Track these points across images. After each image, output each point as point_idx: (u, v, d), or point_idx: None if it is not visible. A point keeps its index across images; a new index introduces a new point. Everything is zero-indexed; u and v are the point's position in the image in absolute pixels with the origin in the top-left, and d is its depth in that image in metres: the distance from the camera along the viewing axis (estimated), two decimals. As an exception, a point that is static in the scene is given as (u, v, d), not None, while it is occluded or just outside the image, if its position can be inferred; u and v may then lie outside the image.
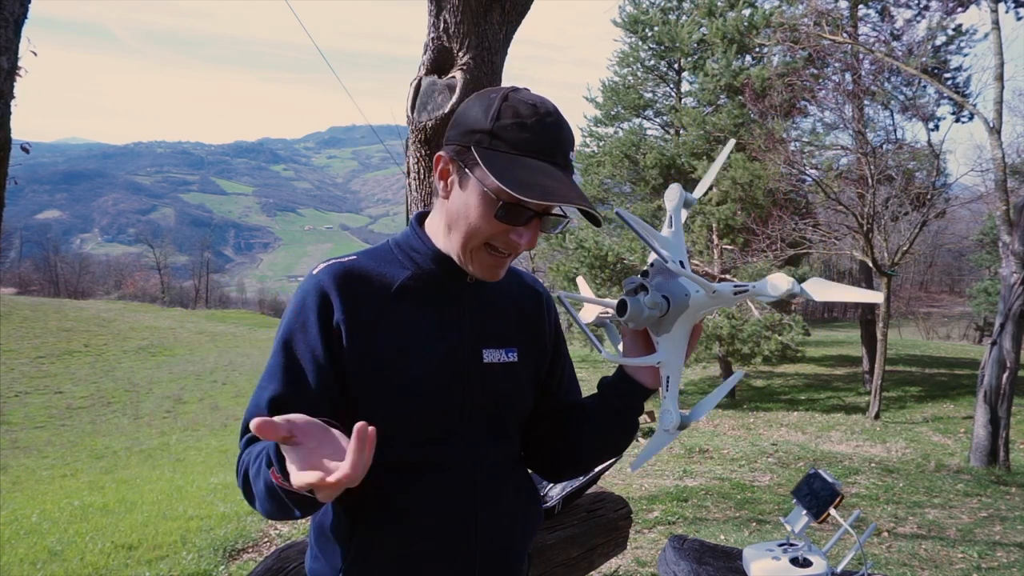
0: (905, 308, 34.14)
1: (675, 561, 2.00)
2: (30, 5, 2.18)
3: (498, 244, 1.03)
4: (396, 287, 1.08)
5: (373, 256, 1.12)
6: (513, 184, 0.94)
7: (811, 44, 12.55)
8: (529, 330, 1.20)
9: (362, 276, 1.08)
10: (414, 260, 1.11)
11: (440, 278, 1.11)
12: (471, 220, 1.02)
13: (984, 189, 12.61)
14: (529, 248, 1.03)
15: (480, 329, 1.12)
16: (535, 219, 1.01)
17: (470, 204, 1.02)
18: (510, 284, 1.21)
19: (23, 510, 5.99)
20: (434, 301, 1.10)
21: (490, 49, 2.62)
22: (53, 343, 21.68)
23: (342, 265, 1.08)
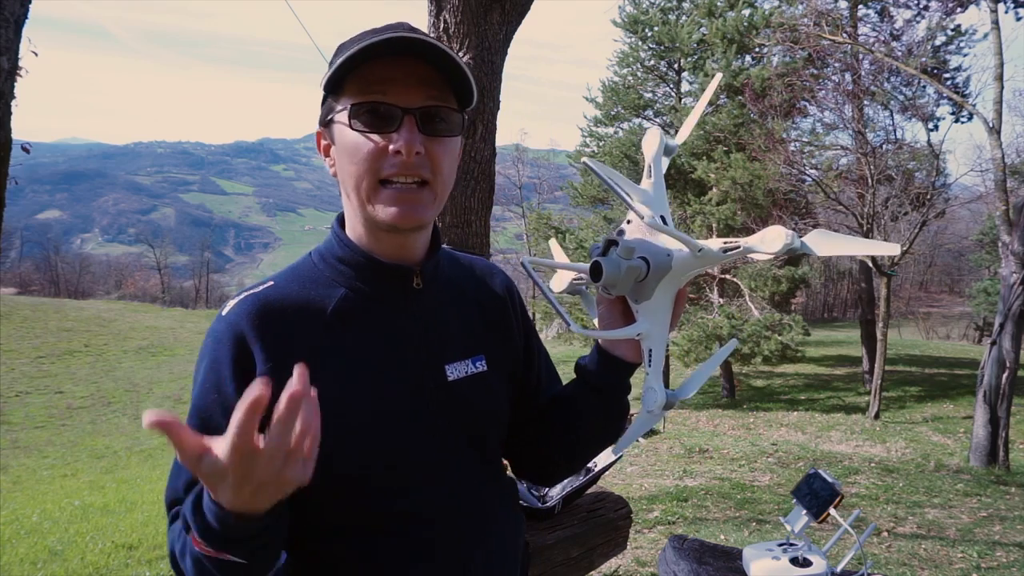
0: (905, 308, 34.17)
1: (675, 561, 2.01)
2: (30, 5, 2.18)
3: (385, 169, 0.85)
4: (329, 314, 0.89)
5: (295, 277, 0.93)
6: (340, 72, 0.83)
7: (811, 44, 12.56)
8: (495, 329, 1.03)
9: (285, 307, 0.88)
10: (343, 274, 0.93)
11: (381, 291, 0.93)
12: (349, 160, 0.86)
13: (984, 189, 12.63)
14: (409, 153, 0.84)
15: (437, 342, 0.95)
16: (406, 117, 0.84)
17: (343, 147, 0.87)
18: (464, 280, 1.04)
19: (23, 510, 5.99)
20: (378, 320, 0.92)
21: (490, 49, 2.62)
22: (53, 343, 21.67)
23: (257, 298, 0.88)
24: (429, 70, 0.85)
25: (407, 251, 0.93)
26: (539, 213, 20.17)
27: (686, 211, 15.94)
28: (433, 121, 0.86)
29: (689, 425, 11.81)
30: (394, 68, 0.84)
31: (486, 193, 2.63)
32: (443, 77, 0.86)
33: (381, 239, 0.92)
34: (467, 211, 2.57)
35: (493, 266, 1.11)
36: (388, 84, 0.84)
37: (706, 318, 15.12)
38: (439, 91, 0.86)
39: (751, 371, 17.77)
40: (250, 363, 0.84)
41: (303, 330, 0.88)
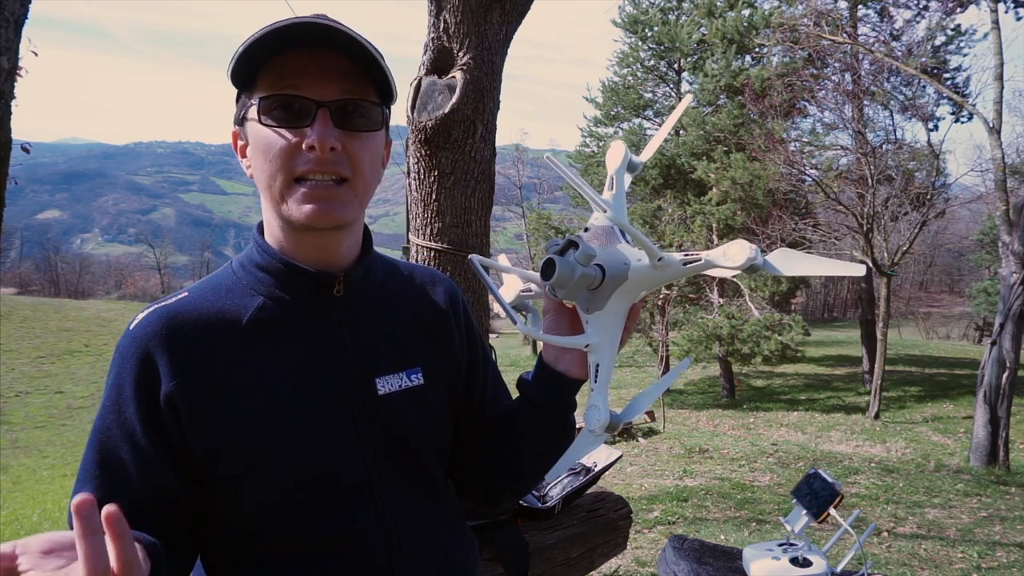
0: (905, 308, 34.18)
1: (675, 561, 2.01)
2: (30, 5, 2.18)
3: (299, 167, 0.79)
4: (245, 324, 0.83)
5: (211, 288, 0.87)
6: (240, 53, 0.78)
7: (811, 44, 12.56)
8: (434, 341, 0.96)
9: (197, 320, 0.82)
10: (262, 282, 0.86)
11: (300, 298, 0.86)
12: (262, 157, 0.81)
13: (984, 189, 12.63)
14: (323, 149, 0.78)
15: (366, 354, 0.88)
16: (320, 111, 0.79)
17: (256, 142, 0.82)
18: (399, 287, 0.97)
19: (24, 510, 5.99)
20: (298, 331, 0.85)
21: (490, 49, 2.61)
22: (53, 343, 21.67)
23: (167, 311, 0.83)
24: (345, 62, 0.80)
25: (329, 255, 0.87)
26: (539, 213, 20.19)
27: (686, 211, 15.94)
28: (350, 115, 0.81)
29: (689, 425, 11.81)
30: (308, 60, 0.79)
31: (486, 193, 2.62)
32: (361, 70, 0.81)
33: (300, 243, 0.85)
34: (467, 211, 2.56)
35: (437, 274, 1.04)
36: (301, 77, 0.79)
37: (706, 318, 15.13)
38: (356, 84, 0.81)
39: (751, 371, 17.77)
40: (155, 381, 0.79)
41: (215, 343, 0.82)
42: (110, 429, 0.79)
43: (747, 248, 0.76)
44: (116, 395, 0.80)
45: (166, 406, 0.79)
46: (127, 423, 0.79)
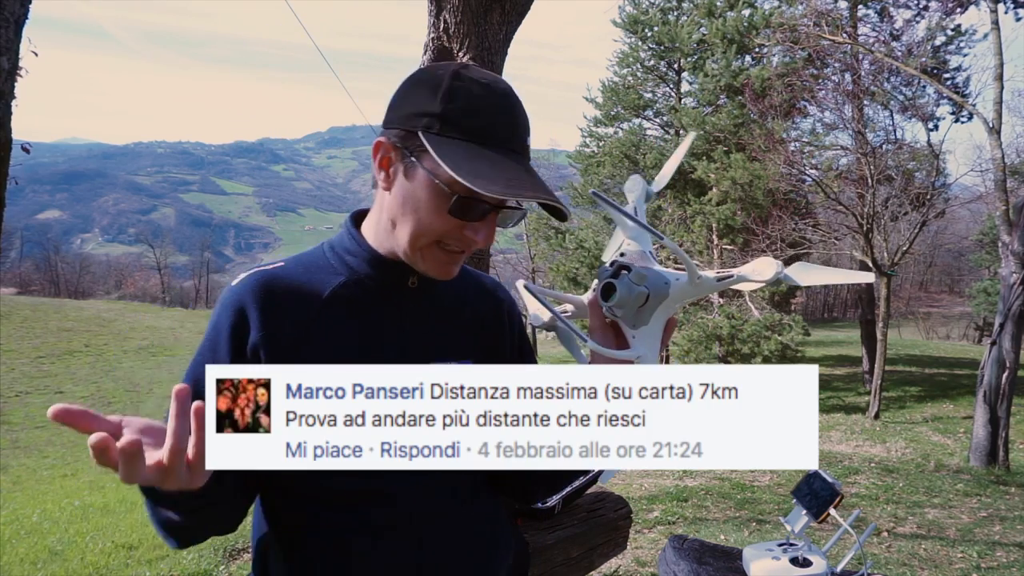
0: (905, 308, 34.19)
1: (675, 561, 2.01)
2: (30, 5, 2.18)
3: (451, 242, 0.91)
4: (326, 296, 0.96)
5: (304, 262, 0.99)
6: (471, 177, 0.82)
7: (811, 44, 12.56)
8: (487, 340, 1.07)
9: (288, 286, 0.95)
10: (348, 264, 0.98)
11: (378, 284, 0.98)
12: (420, 215, 0.89)
13: (984, 189, 12.63)
14: (486, 245, 0.92)
15: (426, 340, 1.00)
16: (492, 213, 0.90)
17: (419, 198, 0.89)
18: (465, 288, 1.07)
19: (24, 510, 5.99)
20: (370, 311, 0.97)
21: (490, 49, 2.62)
22: (53, 343, 21.68)
23: (265, 274, 0.96)
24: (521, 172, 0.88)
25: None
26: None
27: (686, 211, 15.95)
28: (507, 218, 0.93)
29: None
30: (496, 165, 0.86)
31: (486, 193, 2.63)
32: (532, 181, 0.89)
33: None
34: (467, 211, 2.57)
35: (499, 285, 1.15)
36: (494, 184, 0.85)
37: (706, 318, 15.14)
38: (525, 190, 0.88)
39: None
40: (244, 332, 0.91)
41: (297, 311, 0.94)
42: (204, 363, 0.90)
43: (774, 264, 0.87)
44: (214, 336, 0.93)
45: (251, 353, 0.92)
46: (218, 360, 0.91)
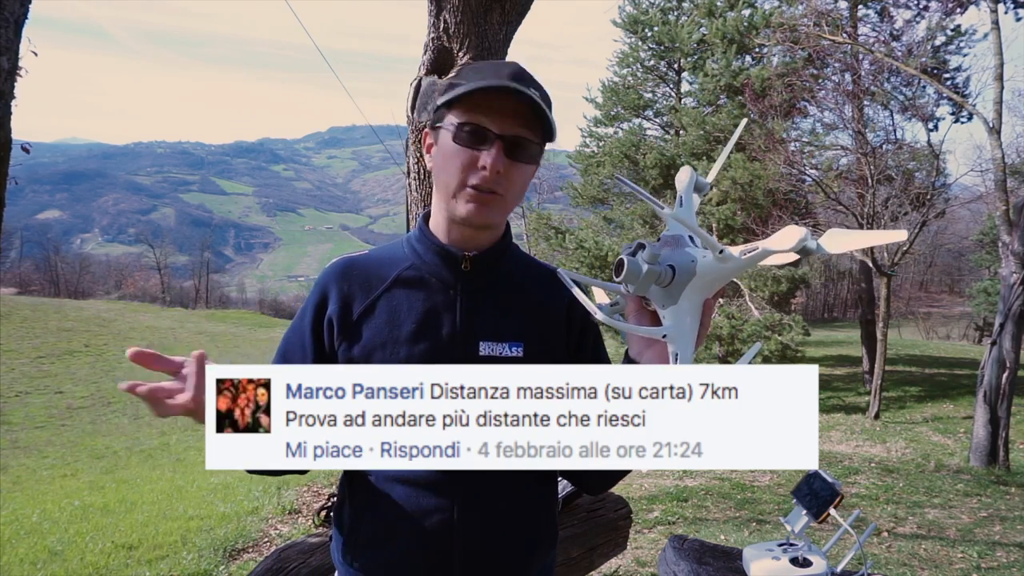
0: (905, 308, 34.18)
1: (675, 561, 2.01)
2: (30, 5, 2.18)
3: (470, 179, 1.04)
4: (392, 278, 1.12)
5: (385, 250, 1.18)
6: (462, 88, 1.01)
7: (811, 44, 12.55)
8: (541, 326, 1.14)
9: (364, 269, 1.13)
10: (415, 251, 1.14)
11: (437, 268, 1.12)
12: (445, 163, 1.05)
13: (984, 189, 12.62)
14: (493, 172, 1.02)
15: (478, 320, 1.10)
16: (497, 142, 1.02)
17: (444, 150, 1.06)
18: (527, 277, 1.18)
19: (23, 510, 5.99)
20: (428, 290, 1.11)
21: (490, 49, 2.62)
22: (53, 343, 21.67)
23: (349, 259, 1.15)
24: (524, 108, 1.02)
25: (471, 244, 1.12)
26: (539, 213, 20.14)
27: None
28: (517, 148, 1.04)
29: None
30: (496, 99, 1.01)
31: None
32: (532, 115, 1.03)
33: (453, 231, 1.11)
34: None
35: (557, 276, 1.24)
36: (488, 112, 1.02)
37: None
38: (527, 125, 1.04)
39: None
40: (324, 305, 1.11)
41: (367, 289, 1.11)
42: (294, 331, 1.14)
43: (798, 231, 0.83)
44: (303, 309, 1.14)
45: (327, 324, 1.10)
46: (304, 327, 1.12)
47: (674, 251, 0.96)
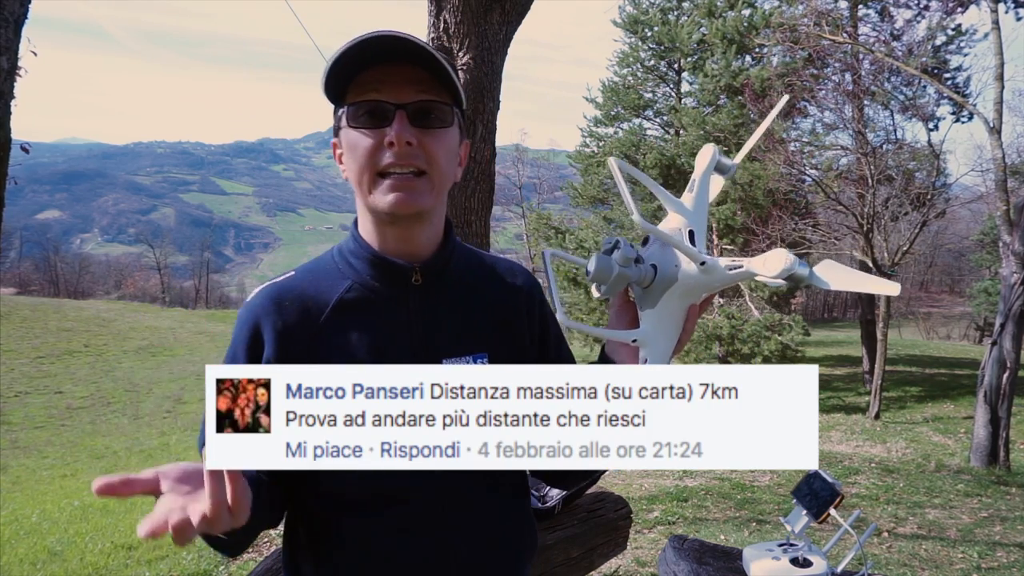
0: (905, 308, 34.15)
1: (675, 561, 2.01)
2: (30, 5, 2.18)
3: (382, 162, 0.92)
4: (333, 303, 0.97)
5: (314, 270, 1.02)
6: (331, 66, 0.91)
7: (811, 44, 12.55)
8: (504, 330, 1.05)
9: (297, 297, 0.97)
10: (353, 268, 1.00)
11: (382, 285, 0.99)
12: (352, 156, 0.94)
13: (984, 189, 12.63)
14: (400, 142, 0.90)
15: (436, 336, 0.99)
16: (399, 112, 0.91)
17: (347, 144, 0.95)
18: (479, 278, 1.07)
19: (23, 510, 5.99)
20: (377, 312, 0.98)
21: (490, 49, 2.62)
22: (53, 343, 21.67)
23: (276, 288, 0.99)
24: (419, 72, 0.93)
25: (411, 245, 0.99)
26: (539, 213, 20.17)
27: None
28: (424, 115, 0.93)
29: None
30: (387, 72, 0.92)
31: (486, 193, 2.63)
32: (433, 78, 0.94)
33: (386, 234, 0.98)
34: (467, 211, 2.57)
35: (517, 266, 1.13)
36: (381, 84, 0.92)
37: (706, 318, 15.13)
38: (429, 89, 0.93)
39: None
40: (259, 347, 0.95)
41: (309, 317, 0.96)
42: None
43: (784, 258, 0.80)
44: (232, 354, 0.97)
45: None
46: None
47: (663, 250, 0.90)
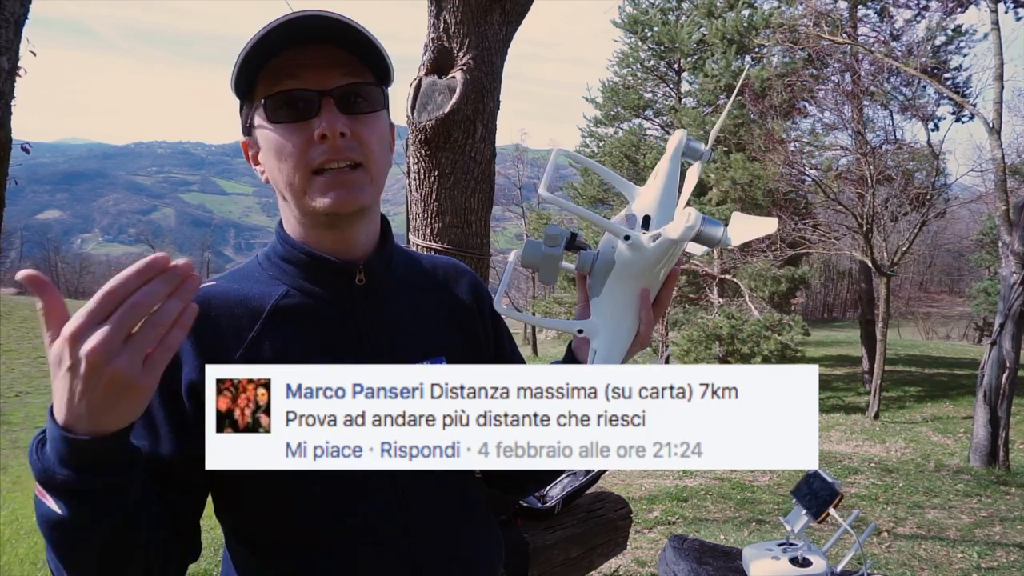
0: (905, 308, 34.17)
1: (675, 561, 2.01)
2: (31, 6, 2.18)
3: (315, 159, 0.80)
4: (267, 312, 0.86)
5: (239, 277, 0.89)
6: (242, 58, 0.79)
7: (811, 44, 12.56)
8: (458, 330, 0.98)
9: (223, 306, 0.84)
10: (286, 272, 0.89)
11: (322, 288, 0.88)
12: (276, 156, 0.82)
13: (984, 189, 12.61)
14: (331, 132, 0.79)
15: (388, 342, 0.90)
16: (324, 99, 0.80)
17: (268, 143, 0.83)
18: (422, 277, 0.99)
19: (23, 510, 5.99)
20: (320, 319, 0.88)
21: (490, 49, 2.62)
22: (53, 343, 21.67)
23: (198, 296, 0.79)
24: (339, 51, 0.81)
25: (349, 245, 0.89)
26: (539, 213, 20.18)
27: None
28: (353, 100, 0.82)
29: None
30: (302, 55, 0.80)
31: (486, 193, 2.63)
32: (354, 57, 0.83)
33: (322, 235, 0.87)
34: (467, 211, 2.57)
35: (460, 265, 1.06)
36: (299, 70, 0.80)
37: (706, 318, 15.13)
38: (353, 70, 0.82)
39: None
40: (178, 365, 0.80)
41: (239, 327, 0.84)
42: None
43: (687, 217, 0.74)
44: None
45: (187, 391, 0.81)
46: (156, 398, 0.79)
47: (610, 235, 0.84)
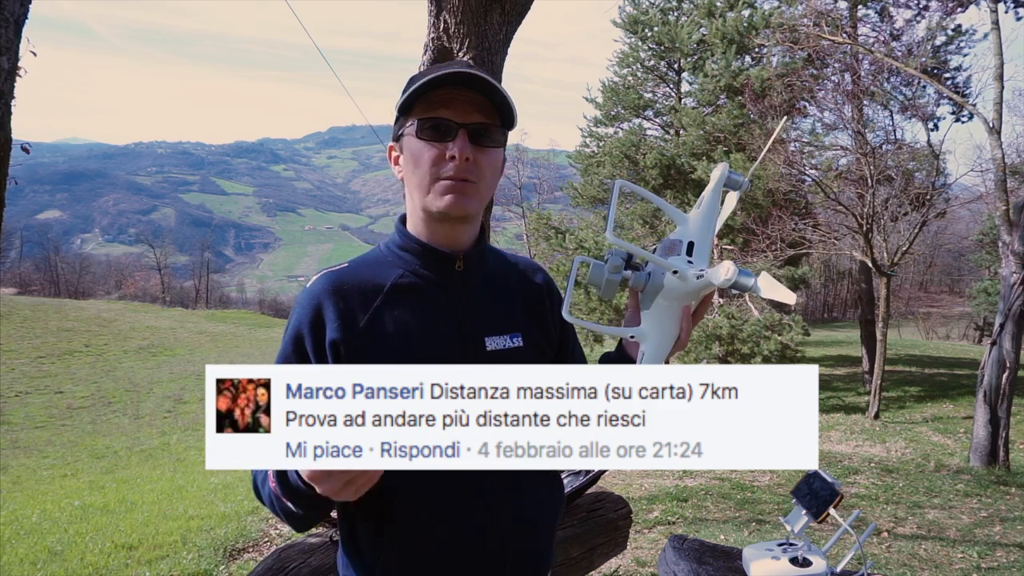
0: (905, 308, 34.17)
1: (675, 561, 2.01)
2: (31, 5, 2.18)
3: (442, 172, 1.06)
4: (387, 289, 1.10)
5: (365, 261, 1.15)
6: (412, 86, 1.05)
7: (810, 45, 12.55)
8: (532, 315, 1.20)
9: (354, 284, 1.10)
10: (402, 258, 1.14)
11: (430, 271, 1.13)
12: (414, 163, 1.08)
13: (984, 189, 12.60)
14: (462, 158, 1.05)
15: (480, 317, 1.13)
16: (461, 131, 1.05)
17: (411, 151, 1.08)
18: (507, 271, 1.23)
19: (23, 510, 5.99)
20: (427, 296, 1.11)
21: (490, 49, 2.62)
22: (53, 343, 21.67)
23: (334, 275, 1.11)
24: (480, 98, 1.06)
25: (455, 241, 1.13)
26: (539, 213, 20.14)
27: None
28: (481, 135, 1.07)
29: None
30: (454, 93, 1.05)
31: (486, 193, 2.63)
32: (491, 104, 1.07)
33: (435, 229, 1.12)
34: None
35: (536, 265, 1.29)
36: (448, 105, 1.06)
37: (706, 318, 15.13)
38: (487, 113, 1.08)
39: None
40: (322, 330, 1.05)
41: (366, 301, 1.08)
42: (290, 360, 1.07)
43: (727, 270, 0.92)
44: (296, 335, 1.07)
45: (330, 347, 1.05)
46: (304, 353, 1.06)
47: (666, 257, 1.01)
